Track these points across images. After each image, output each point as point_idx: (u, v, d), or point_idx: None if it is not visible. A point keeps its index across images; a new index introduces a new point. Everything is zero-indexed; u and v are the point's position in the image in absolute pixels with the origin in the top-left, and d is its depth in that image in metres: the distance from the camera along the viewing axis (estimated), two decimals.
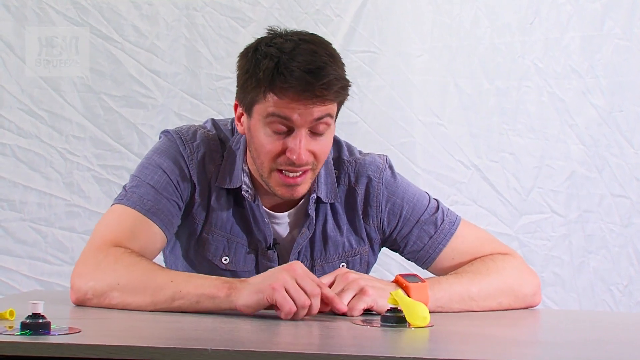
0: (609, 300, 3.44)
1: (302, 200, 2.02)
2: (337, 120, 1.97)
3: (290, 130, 1.87)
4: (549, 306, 3.42)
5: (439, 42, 3.43)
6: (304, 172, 1.91)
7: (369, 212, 2.07)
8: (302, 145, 1.86)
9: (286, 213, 2.03)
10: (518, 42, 3.44)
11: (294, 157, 1.86)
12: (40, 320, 1.42)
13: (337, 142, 2.09)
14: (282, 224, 2.03)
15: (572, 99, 3.44)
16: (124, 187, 1.99)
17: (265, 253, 2.02)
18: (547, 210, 3.45)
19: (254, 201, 1.98)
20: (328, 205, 2.04)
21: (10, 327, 1.44)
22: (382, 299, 1.77)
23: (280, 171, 1.90)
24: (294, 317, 1.68)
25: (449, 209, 2.12)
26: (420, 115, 3.41)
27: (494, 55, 3.44)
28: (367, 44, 3.41)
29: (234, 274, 2.01)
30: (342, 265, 2.05)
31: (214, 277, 1.80)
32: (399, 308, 1.66)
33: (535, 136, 3.45)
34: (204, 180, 2.00)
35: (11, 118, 3.33)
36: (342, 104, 1.94)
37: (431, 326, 1.67)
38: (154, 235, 1.93)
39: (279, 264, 2.00)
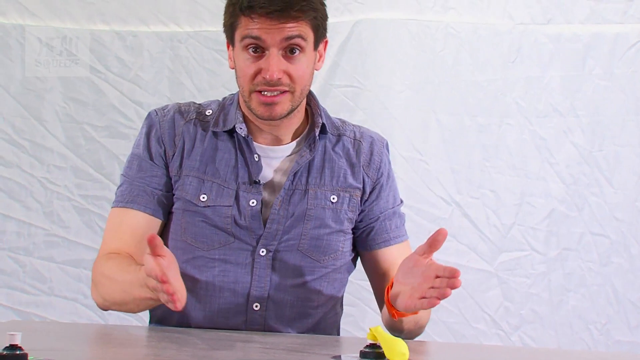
0: (587, 338, 3.44)
1: (307, 129, 2.12)
2: None
3: (263, 52, 1.98)
4: (527, 344, 3.42)
5: (421, 78, 3.44)
6: (282, 92, 2.00)
7: (370, 164, 2.16)
8: (273, 63, 1.97)
9: (293, 142, 2.10)
10: (500, 80, 3.46)
11: (267, 75, 1.97)
12: (18, 352, 1.41)
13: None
14: (279, 157, 2.09)
15: (552, 137, 3.45)
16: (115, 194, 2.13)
17: (249, 188, 2.06)
18: (526, 248, 3.45)
19: (247, 136, 2.07)
20: (334, 142, 2.14)
21: None
22: None
23: (260, 92, 2.00)
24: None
25: None
26: (401, 150, 3.42)
27: (476, 92, 3.46)
28: (350, 78, 3.42)
29: (214, 210, 2.05)
30: (333, 199, 2.10)
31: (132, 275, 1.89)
32: (378, 344, 1.66)
33: (515, 173, 3.46)
34: (174, 135, 2.09)
35: None
36: (320, 32, 2.04)
37: None
38: (140, 221, 2.05)
39: (264, 199, 2.06)
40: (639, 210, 3.47)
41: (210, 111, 2.13)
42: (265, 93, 2.00)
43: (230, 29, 2.03)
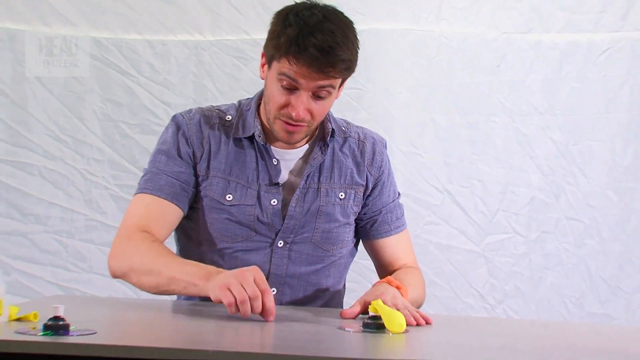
0: (563, 311, 3.44)
1: (317, 133, 2.12)
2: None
3: (295, 89, 1.94)
4: (510, 316, 3.42)
5: (418, 82, 3.44)
6: (301, 126, 1.99)
7: (373, 163, 2.17)
8: (302, 105, 1.95)
9: (306, 145, 2.10)
10: (487, 83, 3.45)
11: (294, 113, 1.95)
12: (61, 322, 1.42)
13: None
14: (294, 159, 2.09)
15: (533, 134, 3.45)
16: (139, 183, 2.07)
17: (270, 189, 2.06)
18: (510, 231, 3.45)
19: (265, 144, 2.07)
20: (341, 143, 2.14)
21: (33, 328, 1.45)
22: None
23: (283, 120, 1.99)
24: (240, 312, 1.69)
25: None
26: (400, 145, 3.42)
27: (466, 94, 3.45)
28: (354, 82, 3.41)
29: (239, 208, 2.04)
30: (341, 195, 2.11)
31: (202, 265, 1.86)
32: (378, 316, 1.67)
33: (500, 165, 3.46)
34: (202, 138, 2.06)
35: (39, 142, 3.33)
36: (349, 76, 2.01)
37: (407, 332, 1.68)
38: (165, 208, 2.01)
39: (283, 198, 2.06)
40: (609, 198, 3.46)
41: (230, 117, 2.10)
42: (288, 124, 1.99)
43: (270, 55, 1.97)
